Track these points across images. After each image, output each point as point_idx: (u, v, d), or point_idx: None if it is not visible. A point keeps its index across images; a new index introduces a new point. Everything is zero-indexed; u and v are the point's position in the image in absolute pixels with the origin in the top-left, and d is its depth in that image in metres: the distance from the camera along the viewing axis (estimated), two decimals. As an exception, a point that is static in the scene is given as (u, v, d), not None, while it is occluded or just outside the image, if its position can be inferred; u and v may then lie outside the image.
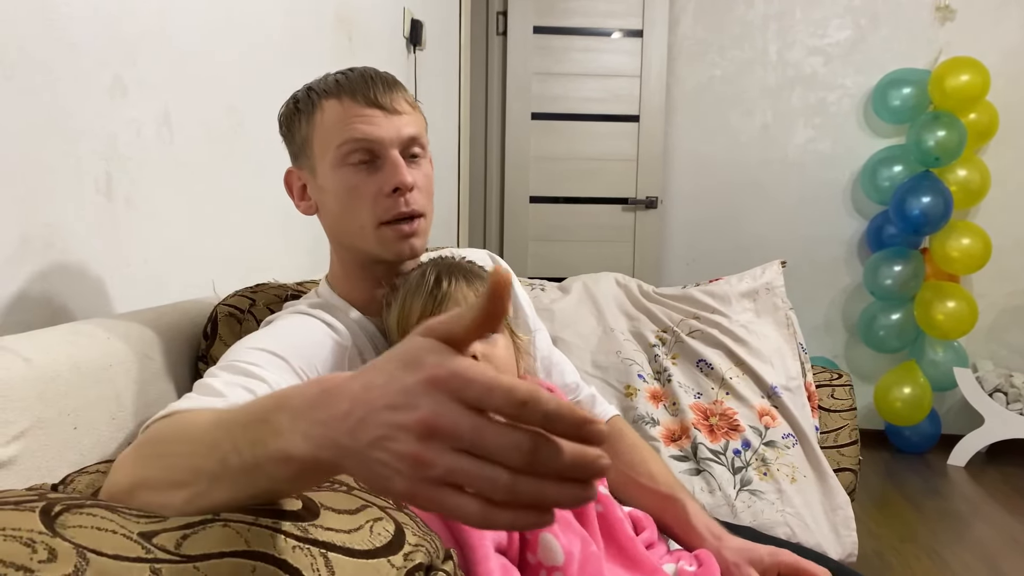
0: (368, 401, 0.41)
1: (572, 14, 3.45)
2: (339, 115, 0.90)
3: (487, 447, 0.38)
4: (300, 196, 1.00)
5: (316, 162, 0.94)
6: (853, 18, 3.48)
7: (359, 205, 0.92)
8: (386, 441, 0.40)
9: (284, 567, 0.45)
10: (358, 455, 0.41)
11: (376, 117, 0.90)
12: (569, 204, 3.55)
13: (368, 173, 0.91)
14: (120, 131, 1.05)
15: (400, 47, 2.42)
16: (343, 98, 0.91)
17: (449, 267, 0.92)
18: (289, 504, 0.52)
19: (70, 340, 0.83)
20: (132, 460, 0.59)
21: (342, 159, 0.91)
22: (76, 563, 0.39)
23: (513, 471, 0.38)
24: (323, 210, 0.98)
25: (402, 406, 0.40)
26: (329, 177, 0.93)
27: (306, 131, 0.94)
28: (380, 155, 0.91)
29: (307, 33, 1.72)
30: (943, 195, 3.16)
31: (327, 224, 1.00)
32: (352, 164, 0.91)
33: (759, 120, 3.58)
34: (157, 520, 0.47)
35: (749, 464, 1.43)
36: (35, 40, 0.89)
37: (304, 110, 0.94)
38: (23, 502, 0.45)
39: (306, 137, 0.94)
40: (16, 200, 0.87)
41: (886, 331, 3.39)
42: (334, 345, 0.91)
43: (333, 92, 0.92)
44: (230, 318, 1.06)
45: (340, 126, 0.90)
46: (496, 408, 0.39)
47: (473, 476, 0.38)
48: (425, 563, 0.54)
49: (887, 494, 2.97)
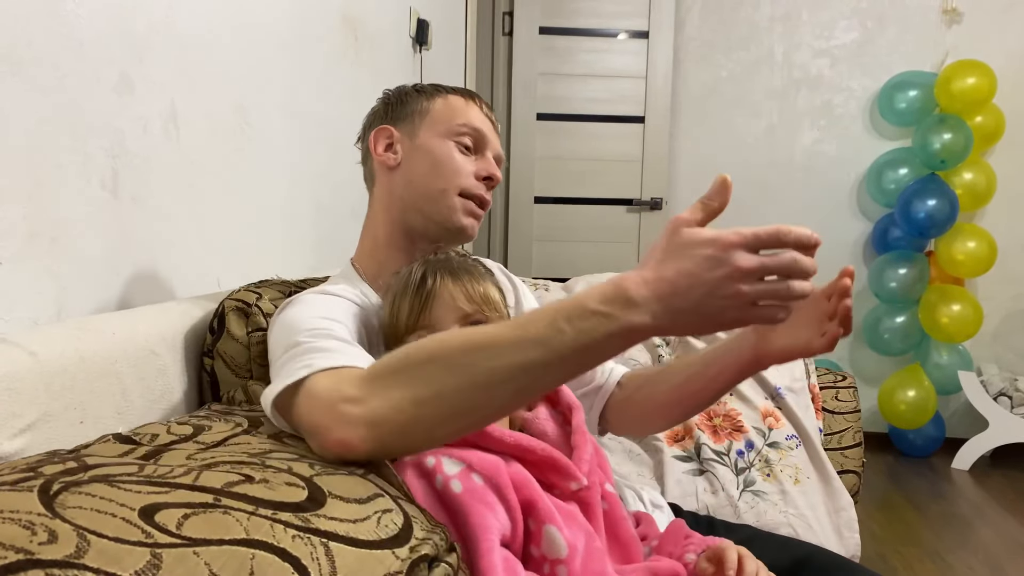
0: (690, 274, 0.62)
1: (578, 15, 3.45)
2: (463, 107, 1.05)
3: (775, 269, 0.63)
4: (385, 148, 1.06)
5: (423, 129, 1.04)
6: (860, 20, 3.47)
7: (452, 172, 1.02)
8: (716, 291, 0.62)
9: (283, 555, 0.45)
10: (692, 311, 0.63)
11: (488, 124, 1.07)
12: (573, 205, 3.55)
13: (467, 155, 1.04)
14: (127, 128, 1.06)
15: (406, 47, 2.43)
16: (468, 99, 1.07)
17: (435, 264, 0.92)
18: (293, 495, 0.52)
19: (76, 335, 0.83)
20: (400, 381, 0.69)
21: (454, 134, 1.03)
22: (77, 544, 0.39)
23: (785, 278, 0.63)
24: (408, 166, 1.04)
25: (717, 266, 0.62)
26: (434, 143, 1.03)
27: (424, 105, 1.05)
28: (482, 150, 1.06)
29: (313, 32, 1.72)
30: (949, 198, 3.15)
31: (404, 180, 1.04)
32: (461, 142, 1.04)
33: (765, 122, 3.58)
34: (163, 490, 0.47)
35: (752, 465, 1.42)
36: (43, 37, 0.90)
37: (426, 93, 1.07)
38: (20, 481, 0.44)
39: (422, 109, 1.05)
40: (23, 196, 0.88)
41: (891, 334, 3.38)
42: (364, 320, 0.94)
43: (461, 93, 1.07)
44: (237, 312, 1.06)
45: (463, 112, 1.05)
46: (765, 245, 0.63)
47: (770, 292, 0.63)
48: (430, 555, 0.54)
49: (891, 497, 2.96)
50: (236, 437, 0.69)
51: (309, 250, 1.73)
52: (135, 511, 0.44)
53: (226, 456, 0.56)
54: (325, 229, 1.80)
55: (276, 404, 0.77)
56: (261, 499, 0.50)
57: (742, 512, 1.36)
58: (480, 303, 0.90)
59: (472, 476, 0.77)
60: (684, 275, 0.63)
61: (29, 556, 0.37)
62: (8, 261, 0.86)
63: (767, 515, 1.37)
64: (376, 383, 0.70)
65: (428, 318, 0.88)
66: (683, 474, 1.41)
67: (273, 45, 1.52)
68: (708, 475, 1.41)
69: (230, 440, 0.67)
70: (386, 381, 0.69)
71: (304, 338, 0.82)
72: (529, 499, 0.79)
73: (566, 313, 0.65)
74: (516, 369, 0.65)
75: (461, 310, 0.89)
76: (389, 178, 1.06)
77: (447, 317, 0.88)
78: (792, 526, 1.36)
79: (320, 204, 1.78)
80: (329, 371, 0.74)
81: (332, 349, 0.79)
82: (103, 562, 0.39)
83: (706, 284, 0.62)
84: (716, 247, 0.62)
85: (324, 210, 1.80)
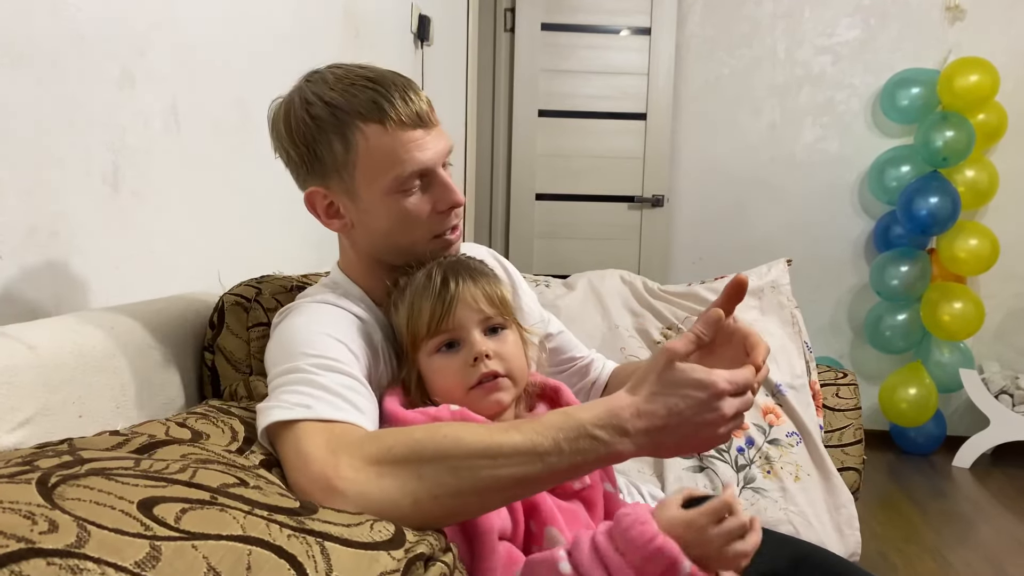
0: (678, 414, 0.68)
1: (580, 11, 3.44)
2: (388, 144, 0.87)
3: (741, 409, 0.70)
4: (328, 215, 0.95)
5: (358, 187, 0.90)
6: (862, 17, 3.46)
7: (415, 225, 0.92)
8: (701, 431, 0.69)
9: (279, 552, 0.45)
10: (673, 443, 0.70)
11: (424, 139, 0.89)
12: (575, 201, 3.55)
13: (420, 194, 0.91)
14: (128, 123, 1.06)
15: (408, 42, 2.42)
16: (387, 124, 0.86)
17: (454, 267, 0.91)
18: (286, 503, 0.52)
19: (76, 329, 0.83)
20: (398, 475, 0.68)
21: (398, 188, 0.89)
22: (78, 534, 0.39)
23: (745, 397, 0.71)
24: (363, 229, 0.95)
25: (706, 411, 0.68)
26: (379, 203, 0.90)
27: (342, 156, 0.88)
28: (430, 175, 0.91)
29: (315, 27, 1.72)
30: (951, 196, 3.14)
31: (366, 240, 0.96)
32: (409, 191, 0.90)
33: (767, 119, 3.57)
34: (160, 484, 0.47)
35: (753, 462, 1.42)
36: (44, 32, 0.90)
37: (332, 130, 0.88)
38: (17, 475, 0.45)
39: (342, 162, 0.89)
40: (24, 191, 0.88)
41: (892, 332, 3.38)
42: (367, 335, 0.92)
43: (374, 116, 0.87)
44: (237, 307, 1.06)
45: (393, 156, 0.87)
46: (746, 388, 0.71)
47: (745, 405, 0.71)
48: (427, 554, 0.55)
49: (892, 495, 2.96)
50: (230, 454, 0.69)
51: (310, 245, 1.73)
52: (134, 504, 0.44)
53: (219, 458, 0.56)
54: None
55: (267, 430, 0.76)
56: (257, 501, 0.50)
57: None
58: (499, 306, 0.90)
59: None
60: (675, 415, 0.68)
61: (31, 545, 0.37)
62: (8, 255, 0.86)
63: (767, 512, 1.37)
64: (377, 470, 0.68)
65: (451, 322, 0.87)
66: (683, 471, 1.41)
67: (274, 40, 1.51)
68: (708, 472, 1.41)
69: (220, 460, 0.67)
70: (388, 470, 0.68)
71: (307, 364, 0.80)
72: (532, 502, 0.79)
73: (567, 433, 0.68)
74: (514, 480, 0.68)
75: (483, 312, 0.88)
76: (349, 236, 0.98)
77: (470, 320, 0.88)
78: (792, 523, 1.36)
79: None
80: (327, 425, 0.73)
81: (334, 392, 0.77)
82: (104, 552, 0.39)
83: (693, 424, 0.68)
84: (708, 393, 0.68)
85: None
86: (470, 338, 0.87)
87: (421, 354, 0.89)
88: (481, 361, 0.86)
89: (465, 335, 0.87)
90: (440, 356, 0.88)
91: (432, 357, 0.88)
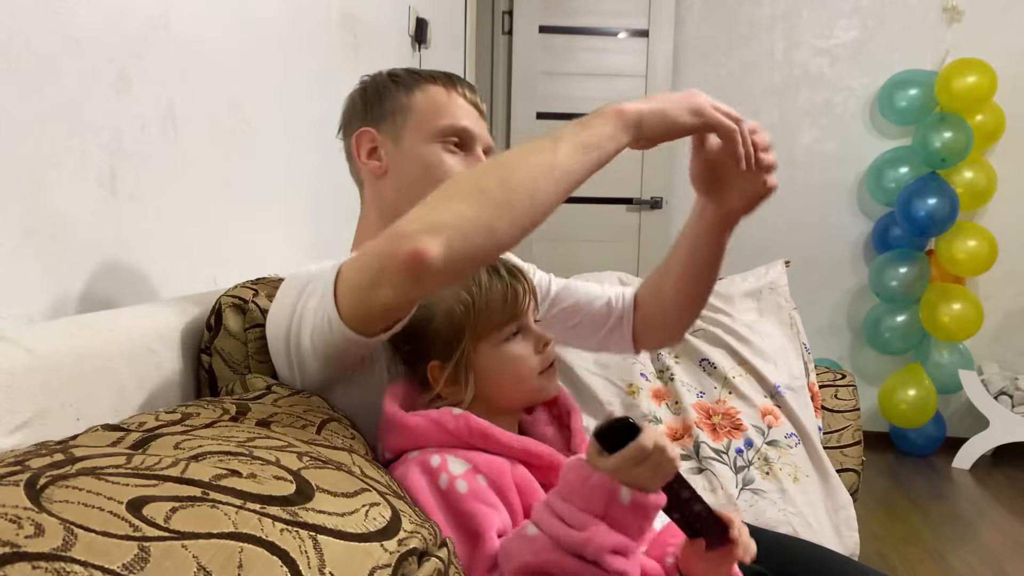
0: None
1: (578, 14, 3.45)
2: (444, 100, 0.99)
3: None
4: (368, 155, 1.02)
5: (405, 132, 0.99)
6: (860, 19, 3.47)
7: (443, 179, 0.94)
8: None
9: (271, 549, 0.45)
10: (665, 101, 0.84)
11: (474, 115, 1.01)
12: (573, 204, 3.54)
13: (458, 156, 1.00)
14: (124, 126, 1.06)
15: (405, 45, 2.43)
16: (450, 88, 1.00)
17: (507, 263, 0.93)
18: (281, 489, 0.52)
19: (73, 332, 0.83)
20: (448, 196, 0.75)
21: (439, 137, 0.98)
22: (64, 537, 0.39)
23: None
24: (395, 174, 1.01)
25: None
26: (418, 148, 0.99)
27: (404, 101, 0.99)
28: (470, 148, 1.00)
29: (312, 30, 1.72)
30: (949, 197, 3.15)
31: (394, 186, 1.01)
32: (445, 145, 0.98)
33: (765, 120, 3.56)
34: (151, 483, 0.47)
35: (751, 463, 1.42)
36: (40, 34, 0.90)
37: (404, 85, 1.00)
38: (6, 476, 0.44)
39: (401, 107, 0.99)
40: (21, 193, 0.88)
41: (891, 333, 3.38)
42: None
43: (440, 80, 1.01)
44: (234, 309, 1.06)
45: (445, 109, 0.99)
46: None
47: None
48: (420, 548, 0.55)
49: (891, 497, 2.96)
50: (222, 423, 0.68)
51: (307, 248, 1.73)
52: (122, 504, 0.44)
53: (213, 446, 0.56)
54: (323, 227, 1.80)
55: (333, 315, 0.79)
56: (249, 493, 0.50)
57: (741, 510, 1.36)
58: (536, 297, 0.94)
59: (477, 477, 0.78)
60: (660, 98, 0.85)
61: (15, 549, 0.37)
62: (5, 258, 0.86)
63: (766, 513, 1.37)
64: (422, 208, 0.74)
65: (519, 311, 0.89)
66: (682, 472, 1.40)
67: (272, 43, 1.51)
68: (707, 473, 1.40)
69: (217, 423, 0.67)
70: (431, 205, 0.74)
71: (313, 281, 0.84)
72: (531, 503, 0.80)
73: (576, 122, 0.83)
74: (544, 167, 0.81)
75: (534, 303, 0.92)
76: (378, 184, 1.03)
77: (531, 309, 0.91)
78: (791, 524, 1.36)
79: (318, 202, 1.78)
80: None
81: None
82: (90, 555, 0.39)
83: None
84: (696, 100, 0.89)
85: (322, 208, 1.80)
86: (531, 326, 0.91)
87: (485, 345, 0.88)
88: (549, 346, 0.90)
89: (527, 323, 0.91)
90: (511, 344, 0.89)
91: (502, 347, 0.89)
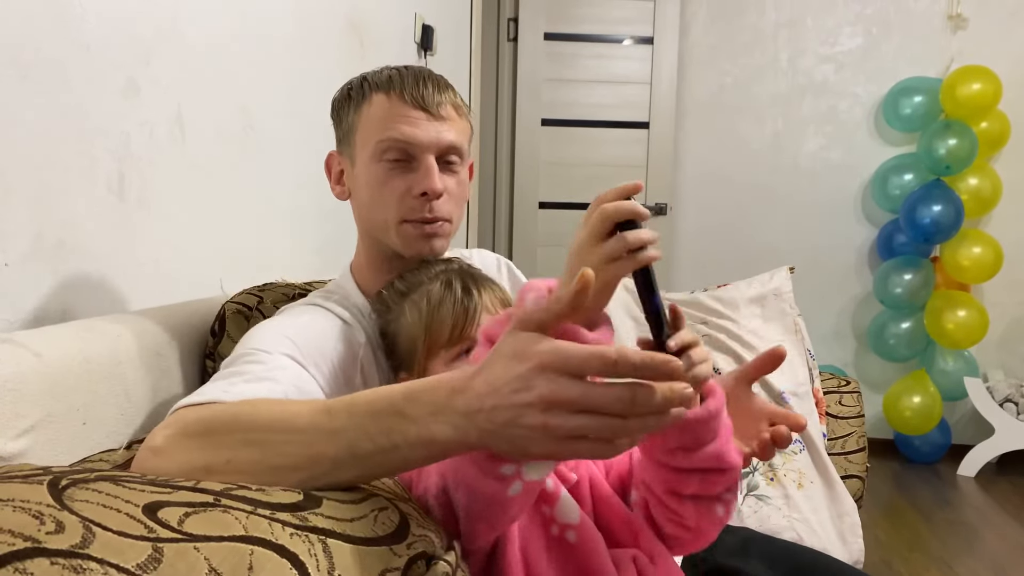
0: (495, 392, 0.52)
1: (583, 21, 3.46)
2: (384, 111, 0.92)
3: (597, 405, 0.50)
4: (337, 180, 1.01)
5: (356, 152, 0.96)
6: (864, 26, 3.47)
7: (387, 201, 0.93)
8: (518, 419, 0.51)
9: (281, 551, 0.46)
10: (498, 434, 0.52)
11: (419, 120, 0.92)
12: (578, 210, 3.55)
13: (401, 172, 0.93)
14: (133, 131, 1.07)
15: (411, 52, 2.44)
16: (391, 95, 0.93)
17: (471, 275, 0.90)
18: (289, 496, 0.53)
19: (81, 336, 0.84)
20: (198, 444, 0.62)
21: (379, 155, 0.93)
22: (83, 535, 0.40)
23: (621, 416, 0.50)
24: (355, 198, 1.00)
25: (522, 389, 0.51)
26: (365, 169, 0.95)
27: (353, 120, 0.96)
28: (416, 157, 0.93)
29: (319, 37, 1.73)
30: (954, 204, 3.15)
31: (356, 213, 1.01)
32: (387, 161, 0.93)
33: (770, 128, 3.58)
34: (166, 491, 0.48)
35: (756, 469, 1.42)
36: (50, 41, 0.91)
37: (355, 99, 0.96)
38: (31, 476, 0.46)
39: (352, 126, 0.96)
40: (30, 199, 0.89)
41: (896, 340, 3.37)
42: (348, 343, 0.91)
43: (384, 86, 0.94)
44: (238, 315, 1.07)
45: (383, 122, 0.92)
46: (595, 372, 0.51)
47: (592, 429, 0.51)
48: (429, 552, 0.55)
49: (896, 504, 2.95)
50: None
51: (313, 253, 1.73)
52: (139, 507, 0.45)
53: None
54: (329, 232, 1.81)
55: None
56: (259, 500, 0.51)
57: (745, 516, 1.36)
58: None
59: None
60: (490, 393, 0.52)
61: (36, 544, 0.38)
62: (14, 262, 0.86)
63: (771, 520, 1.36)
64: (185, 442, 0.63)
65: (473, 330, 0.86)
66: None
67: (279, 49, 1.52)
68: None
69: None
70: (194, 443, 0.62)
71: (234, 360, 0.80)
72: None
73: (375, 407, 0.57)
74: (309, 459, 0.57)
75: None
76: (351, 205, 1.02)
77: None
78: (795, 531, 1.35)
79: (324, 208, 1.78)
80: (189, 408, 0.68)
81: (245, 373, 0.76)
82: (107, 553, 0.40)
83: (509, 409, 0.51)
84: (527, 366, 0.51)
85: (328, 213, 1.80)
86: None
87: (436, 362, 0.88)
88: None
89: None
90: (461, 363, 0.87)
91: (451, 365, 0.87)
